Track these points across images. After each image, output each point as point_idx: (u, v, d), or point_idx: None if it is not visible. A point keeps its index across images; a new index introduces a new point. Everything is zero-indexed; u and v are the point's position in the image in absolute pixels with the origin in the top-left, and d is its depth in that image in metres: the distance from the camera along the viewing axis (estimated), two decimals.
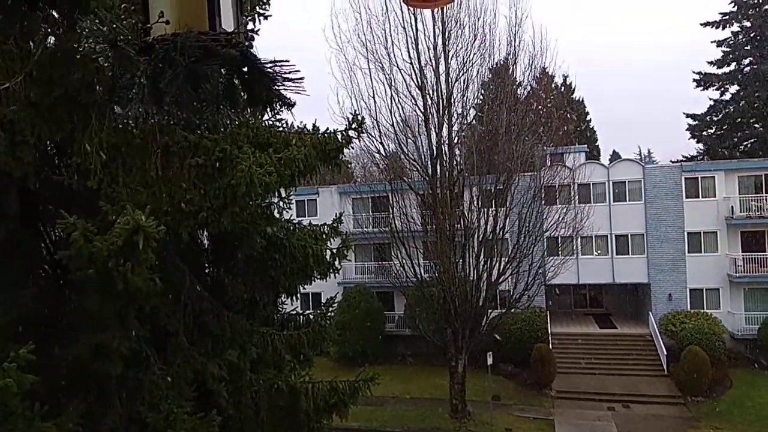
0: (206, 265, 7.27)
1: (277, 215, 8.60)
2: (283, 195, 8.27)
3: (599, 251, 28.94)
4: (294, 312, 8.97)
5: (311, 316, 8.81)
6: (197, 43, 1.17)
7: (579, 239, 26.91)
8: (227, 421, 6.49)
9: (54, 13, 5.29)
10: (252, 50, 1.33)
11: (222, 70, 1.20)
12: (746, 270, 26.67)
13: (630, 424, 20.84)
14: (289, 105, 1.32)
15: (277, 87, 1.31)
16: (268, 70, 1.31)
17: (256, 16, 6.57)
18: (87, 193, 5.58)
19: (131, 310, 5.87)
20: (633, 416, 21.60)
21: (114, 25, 1.15)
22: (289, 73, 1.34)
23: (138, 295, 5.47)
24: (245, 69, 1.23)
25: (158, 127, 4.88)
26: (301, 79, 1.32)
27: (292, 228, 8.26)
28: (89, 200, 5.72)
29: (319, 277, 8.22)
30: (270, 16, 6.74)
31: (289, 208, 9.21)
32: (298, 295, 8.89)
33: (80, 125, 5.60)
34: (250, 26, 6.46)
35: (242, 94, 1.26)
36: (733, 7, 38.51)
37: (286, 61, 1.33)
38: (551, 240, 25.69)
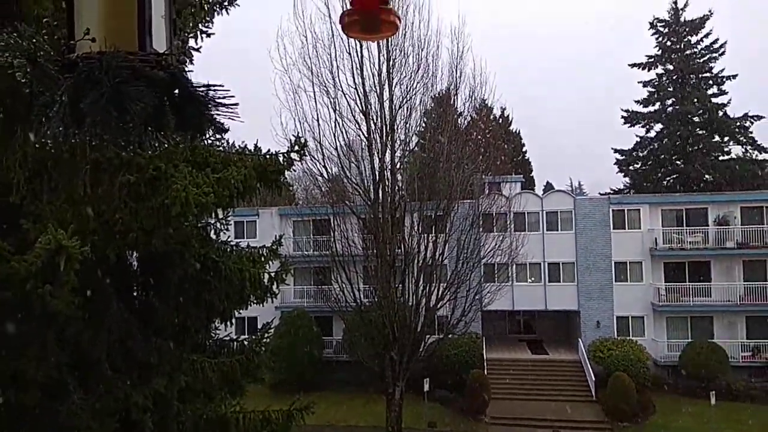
0: (134, 287, 6.93)
1: (214, 236, 8.36)
2: (221, 216, 8.06)
3: (533, 278, 29.78)
4: (228, 338, 8.68)
5: (246, 343, 8.55)
6: (124, 63, 1.11)
7: (514, 266, 27.63)
8: None
9: None
10: (184, 72, 1.27)
11: (153, 92, 1.14)
12: (669, 299, 28.12)
13: None
14: (222, 130, 1.28)
15: (208, 112, 1.27)
16: (200, 93, 1.26)
17: (198, 33, 6.45)
18: (8, 210, 5.25)
19: (51, 335, 5.51)
20: None
21: (34, 40, 1.07)
22: (223, 97, 1.30)
23: (58, 320, 5.15)
24: (175, 92, 1.18)
25: (89, 142, 4.65)
26: (235, 104, 1.28)
27: (228, 250, 8.03)
28: (10, 217, 5.38)
29: (255, 301, 8.00)
30: (213, 33, 6.64)
31: (227, 230, 8.97)
32: (233, 320, 8.61)
33: (3, 137, 5.28)
34: (191, 43, 6.35)
35: (171, 117, 1.21)
36: (658, 50, 41.27)
37: (219, 85, 1.29)
38: (488, 266, 26.24)
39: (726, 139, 40.47)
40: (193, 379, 6.99)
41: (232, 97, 1.28)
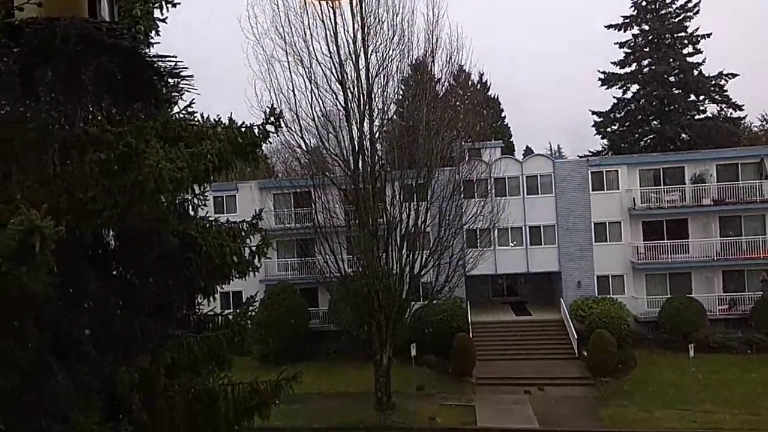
0: (113, 266, 6.87)
1: (192, 212, 8.28)
2: (198, 191, 7.97)
3: (515, 242, 30.13)
4: (212, 313, 8.69)
5: (230, 317, 8.57)
6: (81, 31, 1.05)
7: (496, 231, 27.88)
8: (140, 429, 6.19)
9: None
10: (140, 42, 1.23)
11: (112, 62, 1.09)
12: (647, 257, 28.67)
13: (544, 405, 21.88)
14: (172, 102, 1.23)
15: (161, 83, 1.23)
16: (156, 64, 1.22)
17: (164, 3, 6.24)
18: None
19: (29, 317, 5.45)
20: (547, 398, 22.68)
21: None
22: (177, 69, 1.26)
23: (36, 301, 5.09)
24: (130, 62, 1.13)
25: (53, 120, 4.53)
26: (190, 76, 1.24)
27: (207, 226, 7.97)
28: None
29: (238, 276, 7.99)
30: (179, 3, 6.42)
31: (205, 205, 8.88)
32: (217, 295, 8.61)
33: None
34: (157, 14, 6.15)
35: (123, 87, 1.16)
36: (634, 11, 41.13)
37: (172, 56, 1.25)
38: (470, 232, 26.45)
39: (702, 98, 40.82)
40: (178, 354, 7.01)
41: (186, 68, 1.25)
